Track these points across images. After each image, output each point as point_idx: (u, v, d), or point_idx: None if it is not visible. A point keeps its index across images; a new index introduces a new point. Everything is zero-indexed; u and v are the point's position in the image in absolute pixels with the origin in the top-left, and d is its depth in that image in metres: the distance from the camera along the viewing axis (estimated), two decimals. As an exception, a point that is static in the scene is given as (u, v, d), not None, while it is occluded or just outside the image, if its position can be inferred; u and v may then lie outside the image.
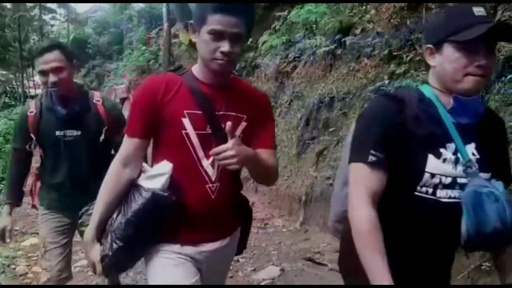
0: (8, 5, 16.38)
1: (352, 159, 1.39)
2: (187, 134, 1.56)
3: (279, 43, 7.01)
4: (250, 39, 9.51)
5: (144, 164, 1.66)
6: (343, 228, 1.58)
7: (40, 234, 2.59)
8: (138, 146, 1.60)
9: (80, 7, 26.23)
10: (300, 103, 6.16)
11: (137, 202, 1.54)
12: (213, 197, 1.62)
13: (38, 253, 2.71)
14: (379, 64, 4.81)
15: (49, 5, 18.05)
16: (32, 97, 14.03)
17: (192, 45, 13.31)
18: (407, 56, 4.41)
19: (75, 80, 2.51)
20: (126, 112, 8.03)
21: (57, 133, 2.37)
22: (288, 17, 7.20)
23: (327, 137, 5.29)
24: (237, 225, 1.82)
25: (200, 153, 1.59)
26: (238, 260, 4.12)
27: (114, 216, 1.58)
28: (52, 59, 2.24)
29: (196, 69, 1.63)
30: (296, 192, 5.47)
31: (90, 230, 1.63)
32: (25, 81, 16.70)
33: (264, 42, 7.68)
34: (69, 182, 2.43)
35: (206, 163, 1.60)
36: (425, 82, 1.46)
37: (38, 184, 2.58)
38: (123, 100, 8.76)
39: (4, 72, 18.31)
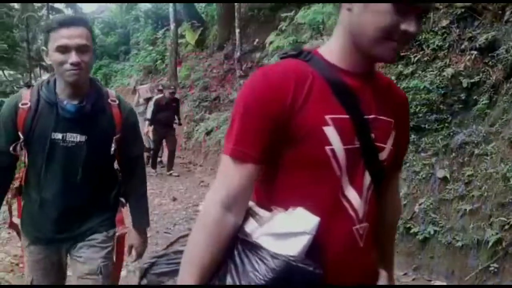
0: (16, 5, 16.55)
1: None
2: (332, 150, 1.01)
3: (286, 43, 7.02)
4: (257, 40, 9.55)
5: (250, 203, 1.08)
6: None
7: (25, 270, 2.05)
8: (252, 176, 1.03)
9: (87, 8, 26.39)
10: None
11: (261, 275, 0.95)
12: (361, 245, 1.06)
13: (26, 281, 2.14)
14: (387, 65, 4.79)
15: (56, 5, 18.21)
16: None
17: (198, 45, 13.32)
18: (414, 57, 4.40)
19: None
20: (149, 112, 7.97)
21: (54, 135, 1.81)
22: (295, 18, 7.21)
23: (333, 137, 5.29)
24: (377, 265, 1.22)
25: (344, 179, 1.04)
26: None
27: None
28: (78, 34, 1.73)
29: (331, 52, 1.08)
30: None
31: None
32: (33, 82, 16.79)
33: (271, 43, 7.70)
34: (61, 201, 1.87)
35: (352, 193, 1.04)
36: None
37: (16, 200, 2.00)
38: (147, 100, 8.43)
39: (12, 72, 18.47)
